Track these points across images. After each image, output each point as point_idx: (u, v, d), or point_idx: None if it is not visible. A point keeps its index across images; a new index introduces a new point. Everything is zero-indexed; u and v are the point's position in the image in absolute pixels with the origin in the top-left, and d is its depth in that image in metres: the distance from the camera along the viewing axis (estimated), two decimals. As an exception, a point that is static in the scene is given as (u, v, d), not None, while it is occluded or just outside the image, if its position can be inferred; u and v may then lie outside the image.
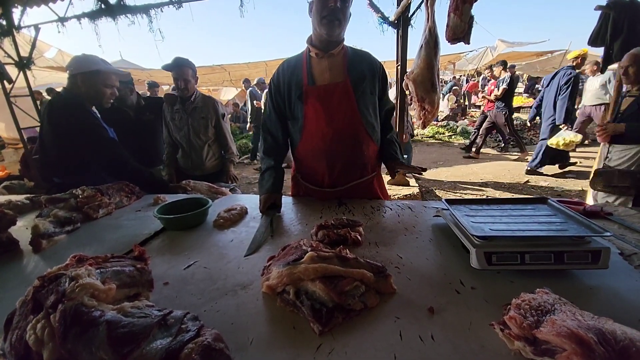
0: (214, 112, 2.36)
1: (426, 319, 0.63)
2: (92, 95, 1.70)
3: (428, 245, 0.94)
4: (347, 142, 1.30)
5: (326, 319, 0.61)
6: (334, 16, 1.16)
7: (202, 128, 2.35)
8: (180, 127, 2.34)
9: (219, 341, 0.53)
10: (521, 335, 0.43)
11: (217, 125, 2.40)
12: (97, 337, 0.51)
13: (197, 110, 2.32)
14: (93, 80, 1.68)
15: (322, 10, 1.16)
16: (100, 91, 1.71)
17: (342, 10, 1.17)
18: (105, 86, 1.72)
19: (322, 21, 1.17)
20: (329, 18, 1.16)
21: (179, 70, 2.19)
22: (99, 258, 0.71)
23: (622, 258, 0.83)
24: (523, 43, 10.81)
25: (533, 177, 4.84)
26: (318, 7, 1.17)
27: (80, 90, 1.67)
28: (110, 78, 1.75)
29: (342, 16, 1.18)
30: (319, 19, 1.17)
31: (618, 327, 0.40)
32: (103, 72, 1.70)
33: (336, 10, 1.15)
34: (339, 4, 1.14)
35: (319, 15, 1.17)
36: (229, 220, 1.17)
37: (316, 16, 1.18)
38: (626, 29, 2.39)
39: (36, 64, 4.90)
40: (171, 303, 0.71)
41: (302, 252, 0.73)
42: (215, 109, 2.37)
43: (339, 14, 1.16)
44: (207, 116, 2.34)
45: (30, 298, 0.61)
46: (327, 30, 1.19)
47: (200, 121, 2.34)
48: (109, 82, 1.74)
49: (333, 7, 1.14)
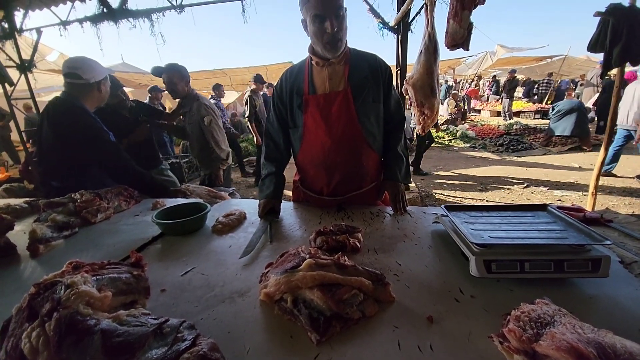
0: (197, 114, 2.36)
1: (425, 328, 0.62)
2: (104, 97, 1.77)
3: (427, 252, 0.93)
4: (346, 152, 1.27)
5: (324, 328, 0.60)
6: (335, 39, 1.13)
7: (195, 130, 2.39)
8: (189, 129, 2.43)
9: (215, 351, 0.53)
10: (520, 348, 0.43)
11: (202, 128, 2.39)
12: (92, 346, 0.51)
13: (189, 113, 2.38)
14: (106, 83, 1.77)
15: (322, 37, 1.13)
16: (108, 92, 1.79)
17: (340, 27, 1.13)
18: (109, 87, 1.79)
19: (326, 47, 1.15)
20: (331, 43, 1.14)
21: (165, 75, 2.26)
22: (95, 265, 0.71)
23: (622, 266, 0.82)
24: (522, 48, 10.90)
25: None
26: (316, 31, 1.13)
27: (93, 95, 1.70)
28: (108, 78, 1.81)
29: (343, 33, 1.15)
30: (322, 45, 1.15)
31: (618, 340, 0.40)
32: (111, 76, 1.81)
33: (336, 33, 1.12)
34: (336, 25, 1.11)
35: (320, 40, 1.14)
36: (228, 225, 1.17)
37: (316, 39, 1.16)
38: (625, 35, 2.40)
39: (38, 67, 4.93)
40: (168, 311, 0.71)
41: (300, 259, 0.73)
42: (198, 110, 2.36)
43: (339, 34, 1.13)
44: (195, 119, 2.37)
45: (26, 305, 0.60)
46: (332, 54, 1.17)
47: (193, 125, 2.38)
48: (109, 83, 1.80)
49: (332, 32, 1.11)
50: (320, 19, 1.11)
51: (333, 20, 1.10)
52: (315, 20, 1.12)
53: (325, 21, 1.10)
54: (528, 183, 4.78)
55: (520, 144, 7.29)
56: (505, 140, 7.60)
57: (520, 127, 8.63)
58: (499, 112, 11.56)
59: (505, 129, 8.56)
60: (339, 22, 1.12)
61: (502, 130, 8.51)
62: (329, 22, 1.10)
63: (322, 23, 1.11)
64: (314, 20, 1.12)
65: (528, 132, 8.28)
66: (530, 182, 4.83)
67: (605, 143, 3.00)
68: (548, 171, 5.31)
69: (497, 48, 11.09)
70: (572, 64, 11.92)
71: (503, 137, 7.90)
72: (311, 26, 1.14)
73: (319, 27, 1.12)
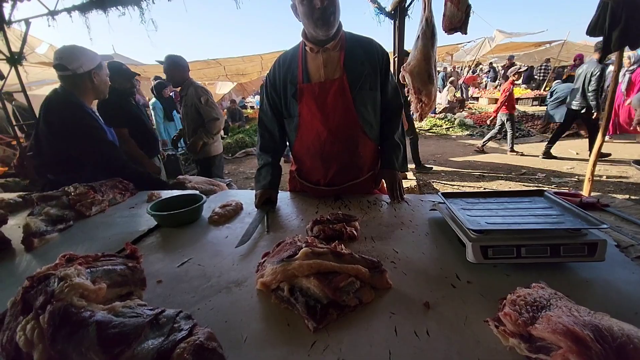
0: (194, 97, 2.63)
1: (422, 314, 0.63)
2: (101, 89, 1.68)
3: (424, 239, 0.93)
4: (343, 142, 1.24)
5: (320, 316, 0.60)
6: (327, 14, 1.07)
7: (190, 112, 2.67)
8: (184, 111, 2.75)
9: (212, 340, 0.52)
10: (516, 332, 0.43)
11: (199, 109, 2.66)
12: (87, 337, 0.50)
13: (186, 97, 2.67)
14: (101, 73, 1.67)
15: (312, 13, 1.08)
16: (106, 83, 1.70)
17: (331, 2, 1.07)
18: (107, 76, 1.71)
19: (317, 23, 1.09)
20: (323, 19, 1.08)
21: (164, 66, 2.64)
22: (89, 257, 0.70)
23: (618, 250, 0.82)
24: (521, 33, 10.74)
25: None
26: (306, 11, 1.08)
27: (86, 87, 1.62)
28: (106, 67, 1.73)
29: (334, 8, 1.09)
30: (313, 23, 1.09)
31: (615, 323, 0.40)
32: (103, 63, 1.68)
33: (326, 8, 1.07)
34: (326, 0, 1.06)
35: (310, 19, 1.09)
36: (224, 216, 1.16)
37: (307, 19, 1.10)
38: (624, 18, 2.36)
39: (28, 60, 4.81)
40: (164, 301, 0.71)
41: (297, 248, 0.73)
42: (195, 93, 2.63)
43: (330, 8, 1.07)
44: (192, 101, 2.63)
45: (20, 299, 0.60)
46: (324, 31, 1.11)
47: (189, 107, 2.66)
48: (107, 72, 1.72)
49: (321, 7, 1.06)
50: None
51: None
52: None
53: None
54: (525, 170, 4.79)
55: (518, 131, 7.26)
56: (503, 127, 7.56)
57: (518, 114, 8.58)
58: (497, 99, 11.47)
59: (504, 117, 8.50)
60: None
61: (501, 117, 8.46)
62: None
63: (311, 0, 1.06)
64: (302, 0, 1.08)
65: (526, 119, 8.23)
66: (528, 169, 4.84)
67: (603, 129, 2.98)
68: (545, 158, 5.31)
69: (496, 33, 10.91)
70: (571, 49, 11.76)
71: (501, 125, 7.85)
72: (300, 7, 1.10)
73: (308, 5, 1.07)
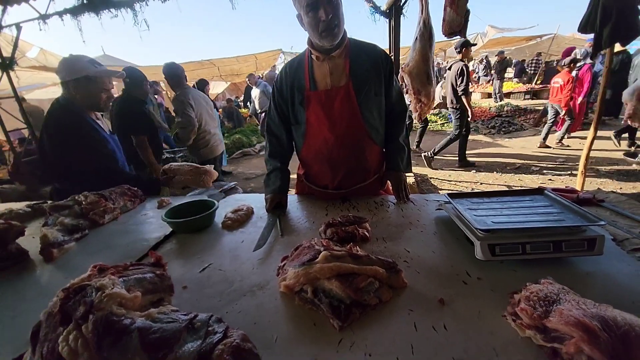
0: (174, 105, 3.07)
1: (438, 310, 0.67)
2: (87, 101, 1.64)
3: (433, 238, 0.98)
4: (350, 148, 1.28)
5: (345, 315, 0.65)
6: (331, 25, 1.11)
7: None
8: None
9: (246, 341, 0.56)
10: (532, 325, 0.48)
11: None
12: (131, 344, 0.54)
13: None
14: (85, 85, 1.60)
15: (317, 26, 1.11)
16: (96, 96, 1.64)
17: (335, 14, 1.11)
18: (100, 91, 1.65)
19: (322, 34, 1.12)
20: (327, 30, 1.11)
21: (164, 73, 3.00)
22: (119, 267, 0.73)
23: (615, 244, 0.88)
24: (512, 29, 10.88)
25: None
26: (311, 22, 1.12)
27: (75, 97, 1.61)
28: (103, 82, 1.66)
29: (338, 20, 1.13)
30: (318, 34, 1.13)
31: (618, 313, 0.45)
32: (93, 77, 1.61)
33: (331, 20, 1.10)
34: (331, 12, 1.09)
35: (315, 30, 1.12)
36: (237, 221, 1.19)
37: (312, 30, 1.14)
38: (615, 15, 2.42)
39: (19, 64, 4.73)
40: (193, 306, 0.74)
41: (316, 251, 0.76)
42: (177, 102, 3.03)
43: (334, 21, 1.11)
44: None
45: (58, 310, 0.62)
46: (329, 41, 1.14)
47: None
48: (102, 86, 1.66)
49: (326, 19, 1.09)
50: (314, 8, 1.09)
51: (326, 6, 1.08)
52: (309, 10, 1.10)
53: (319, 9, 1.08)
54: (520, 164, 4.88)
55: (511, 125, 7.39)
56: (497, 122, 7.69)
57: (511, 108, 8.72)
58: (489, 93, 11.61)
59: (497, 111, 8.64)
60: (332, 8, 1.10)
61: (494, 112, 8.59)
62: (322, 9, 1.08)
63: (316, 12, 1.09)
64: (307, 10, 1.11)
65: (518, 113, 8.37)
66: (521, 163, 4.94)
67: (595, 123, 3.06)
68: (539, 151, 5.42)
69: (488, 29, 11.04)
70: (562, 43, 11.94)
71: (495, 120, 7.98)
72: (305, 17, 1.13)
73: (313, 17, 1.10)
